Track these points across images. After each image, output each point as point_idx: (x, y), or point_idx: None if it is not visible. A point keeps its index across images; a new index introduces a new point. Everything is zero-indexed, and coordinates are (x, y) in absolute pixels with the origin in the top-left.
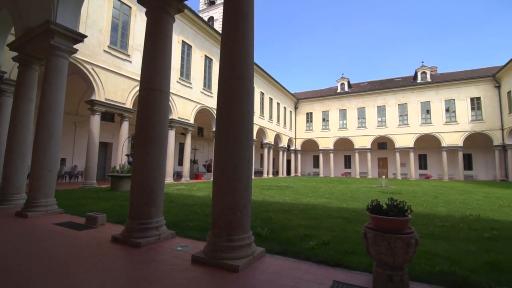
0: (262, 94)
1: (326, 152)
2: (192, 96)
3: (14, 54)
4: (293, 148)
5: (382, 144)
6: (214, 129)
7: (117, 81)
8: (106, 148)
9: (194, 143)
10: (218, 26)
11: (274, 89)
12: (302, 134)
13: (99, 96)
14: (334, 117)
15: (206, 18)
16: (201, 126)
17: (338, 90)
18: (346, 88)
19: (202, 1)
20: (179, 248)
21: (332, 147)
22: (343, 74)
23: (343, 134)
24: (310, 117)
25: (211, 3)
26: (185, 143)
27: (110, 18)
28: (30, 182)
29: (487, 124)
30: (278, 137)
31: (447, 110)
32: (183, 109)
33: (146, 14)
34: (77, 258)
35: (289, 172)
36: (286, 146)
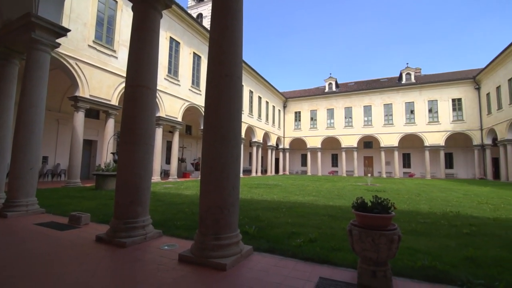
0: (251, 92)
1: (314, 150)
2: (180, 93)
3: None
4: (281, 146)
5: (368, 143)
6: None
7: (102, 77)
8: (90, 146)
9: (182, 141)
10: (207, 23)
11: (263, 87)
12: (290, 132)
13: (83, 92)
14: (322, 116)
15: (194, 15)
16: (189, 124)
17: (326, 90)
18: (334, 88)
19: None
20: (166, 247)
21: (319, 146)
22: (331, 74)
23: (331, 133)
24: (298, 116)
25: (200, 0)
26: (172, 141)
27: (95, 12)
28: (10, 181)
29: (467, 124)
30: (266, 135)
31: (430, 111)
32: (171, 106)
33: (133, 9)
34: (60, 258)
35: (277, 170)
36: (275, 145)
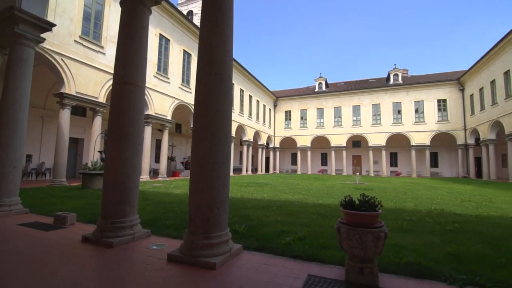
0: (242, 91)
1: (304, 149)
2: (169, 91)
3: None
4: (272, 145)
5: (357, 142)
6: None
7: (89, 73)
8: (77, 144)
9: (172, 140)
10: (197, 20)
11: (254, 86)
12: (281, 131)
13: (69, 89)
14: (312, 115)
15: (185, 12)
16: (179, 123)
17: (316, 89)
18: (324, 87)
19: None
20: (155, 247)
21: (309, 145)
22: (321, 73)
23: (320, 132)
24: (289, 115)
25: None
26: (162, 140)
27: (82, 7)
28: None
29: (452, 124)
30: (257, 134)
31: (416, 111)
32: (160, 104)
33: (121, 5)
34: (44, 259)
35: (267, 169)
36: (265, 144)
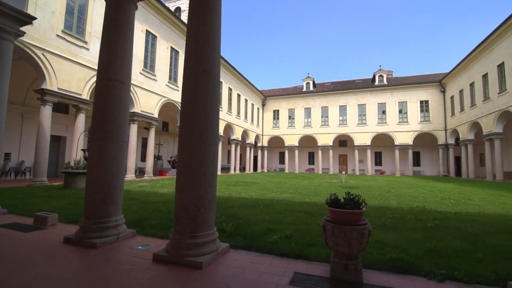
0: (230, 89)
1: (292, 148)
2: (156, 89)
3: None
4: (260, 144)
5: (343, 141)
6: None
7: (72, 69)
8: (59, 142)
9: (159, 138)
10: (185, 17)
11: (242, 85)
12: (269, 131)
13: (51, 85)
14: (299, 115)
15: (172, 8)
16: (166, 121)
17: (304, 89)
18: (311, 87)
19: None
20: (140, 247)
21: (297, 144)
22: (309, 73)
23: (308, 131)
24: (277, 114)
25: None
26: (148, 138)
27: (65, 0)
28: None
29: (433, 125)
30: (245, 133)
31: (400, 111)
32: (147, 102)
33: None
34: (24, 262)
35: (255, 168)
36: (253, 143)
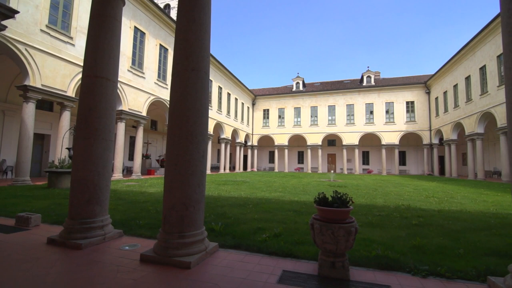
0: (220, 88)
1: (281, 148)
2: (145, 86)
3: None
4: (250, 143)
5: (332, 141)
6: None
7: (57, 65)
8: (42, 140)
9: (147, 137)
10: (174, 14)
11: (232, 84)
12: (259, 130)
13: (34, 81)
14: (289, 114)
15: (162, 5)
16: (154, 119)
17: (294, 89)
18: (301, 87)
19: None
20: (127, 247)
21: (287, 143)
22: (299, 73)
23: (297, 131)
24: (267, 113)
25: None
26: (136, 137)
27: None
28: None
29: (419, 125)
30: (235, 132)
31: (387, 112)
32: (135, 100)
33: None
34: (4, 264)
35: (245, 167)
36: (243, 142)
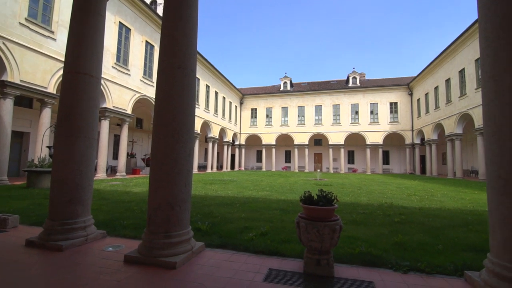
0: (208, 87)
1: (269, 147)
2: (130, 84)
3: None
4: (237, 142)
5: (318, 140)
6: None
7: (37, 60)
8: (21, 138)
9: (132, 135)
10: (161, 10)
11: (220, 83)
12: (246, 129)
13: (12, 76)
14: (277, 114)
15: (148, 1)
16: (140, 117)
17: (281, 88)
18: (289, 87)
19: None
20: (110, 248)
21: (274, 143)
22: (286, 73)
23: (285, 130)
24: (254, 112)
25: None
26: (121, 135)
27: None
28: None
29: (401, 125)
30: (223, 131)
31: (372, 112)
32: (119, 97)
33: None
34: None
35: (233, 166)
36: (231, 141)
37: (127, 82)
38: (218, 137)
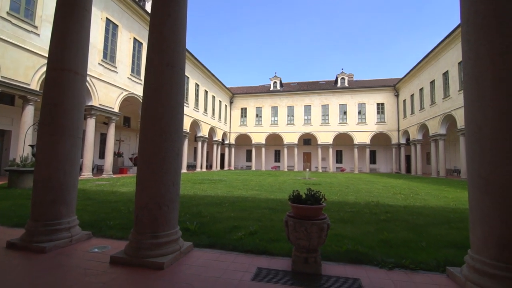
0: (197, 85)
1: (259, 146)
2: (117, 81)
3: None
4: (227, 142)
5: (307, 140)
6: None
7: (20, 56)
8: (2, 137)
9: (119, 134)
10: (150, 7)
11: (210, 81)
12: (236, 128)
13: None
14: (266, 113)
15: None
16: (127, 116)
17: (271, 88)
18: (278, 86)
19: None
20: (96, 249)
21: (264, 142)
22: (276, 73)
23: (274, 130)
24: (244, 112)
25: None
26: (108, 134)
27: None
28: None
29: (388, 126)
30: (212, 130)
31: (359, 113)
32: (106, 95)
33: None
34: None
35: (222, 165)
36: (221, 140)
37: (114, 80)
38: (207, 136)
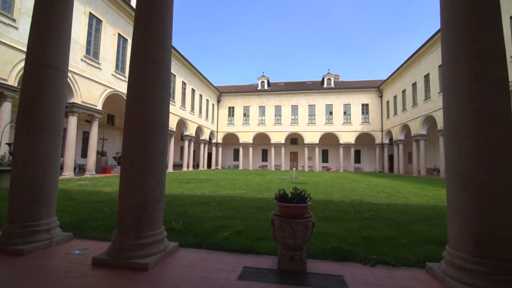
0: (184, 84)
1: (246, 145)
2: (100, 78)
3: None
4: (214, 141)
5: (294, 139)
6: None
7: None
8: None
9: (103, 132)
10: (135, 2)
11: (197, 80)
12: (224, 127)
13: None
14: (254, 112)
15: None
16: (111, 114)
17: (259, 88)
18: (266, 86)
19: None
20: (77, 251)
21: (251, 141)
22: (264, 72)
23: (262, 129)
24: (232, 111)
25: None
26: (90, 132)
27: None
28: None
29: (372, 126)
30: (199, 129)
31: (345, 113)
32: (89, 92)
33: None
34: None
35: (210, 165)
36: (208, 139)
37: (98, 77)
38: (194, 135)
